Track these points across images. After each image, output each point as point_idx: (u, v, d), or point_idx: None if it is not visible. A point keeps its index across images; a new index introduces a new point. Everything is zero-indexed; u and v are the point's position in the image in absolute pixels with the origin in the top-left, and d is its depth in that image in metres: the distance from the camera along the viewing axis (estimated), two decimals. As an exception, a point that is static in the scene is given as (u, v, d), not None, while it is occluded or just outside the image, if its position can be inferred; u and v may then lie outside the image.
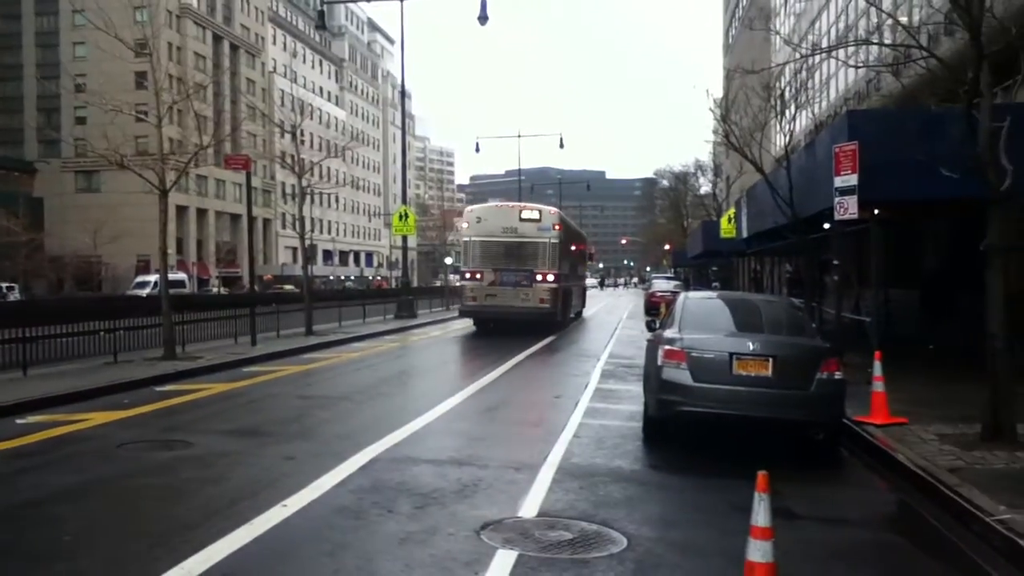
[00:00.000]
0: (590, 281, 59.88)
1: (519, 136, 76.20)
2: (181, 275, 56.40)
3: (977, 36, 8.50)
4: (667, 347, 8.85)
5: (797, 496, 7.31)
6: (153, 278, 48.86)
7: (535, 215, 25.90)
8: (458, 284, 30.99)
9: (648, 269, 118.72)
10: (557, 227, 25.95)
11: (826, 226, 15.96)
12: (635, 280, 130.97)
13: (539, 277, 25.06)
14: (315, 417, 11.09)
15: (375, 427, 10.17)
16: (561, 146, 66.42)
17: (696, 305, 10.10)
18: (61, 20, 76.46)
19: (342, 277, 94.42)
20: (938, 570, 5.90)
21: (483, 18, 31.27)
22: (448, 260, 56.49)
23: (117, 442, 9.23)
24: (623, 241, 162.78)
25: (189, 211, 77.41)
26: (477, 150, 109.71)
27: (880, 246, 14.09)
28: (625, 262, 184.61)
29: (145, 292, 43.09)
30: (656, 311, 26.40)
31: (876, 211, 13.34)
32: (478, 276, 25.52)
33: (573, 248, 30.80)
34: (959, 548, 6.11)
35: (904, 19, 17.18)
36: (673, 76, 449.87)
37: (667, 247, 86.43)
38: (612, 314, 41.03)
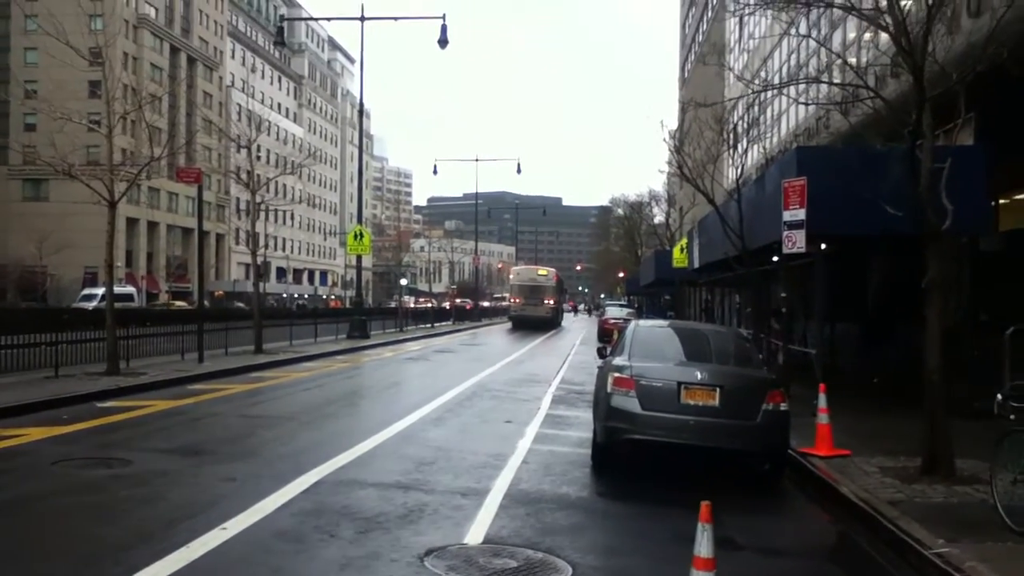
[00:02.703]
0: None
1: (477, 160, 76.21)
2: (130, 288, 55.11)
3: (920, 80, 8.77)
4: (616, 374, 8.88)
5: (740, 526, 7.36)
6: (100, 291, 47.59)
7: (544, 272, 54.36)
8: (506, 304, 63.45)
9: (602, 296, 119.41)
10: (555, 278, 54.27)
11: (775, 259, 16.24)
12: (587, 308, 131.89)
13: (545, 301, 51.72)
14: (260, 437, 10.89)
15: (321, 448, 10.03)
16: (519, 171, 67.14)
17: (646, 333, 10.17)
18: (12, 24, 74.80)
19: (295, 296, 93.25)
20: (875, 602, 5.98)
21: (443, 41, 31.47)
22: (403, 281, 56.23)
23: (52, 459, 8.96)
24: (578, 267, 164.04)
25: (140, 223, 75.94)
26: (435, 172, 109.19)
27: (825, 279, 14.37)
28: (580, 288, 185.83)
29: (91, 305, 41.94)
30: (609, 337, 26.57)
31: (823, 245, 13.62)
32: (517, 300, 52.77)
33: (560, 287, 61.03)
34: (896, 580, 6.20)
35: (853, 60, 17.67)
36: (633, 106, 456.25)
37: (621, 274, 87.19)
38: (564, 339, 41.21)
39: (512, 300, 53.82)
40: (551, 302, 52.45)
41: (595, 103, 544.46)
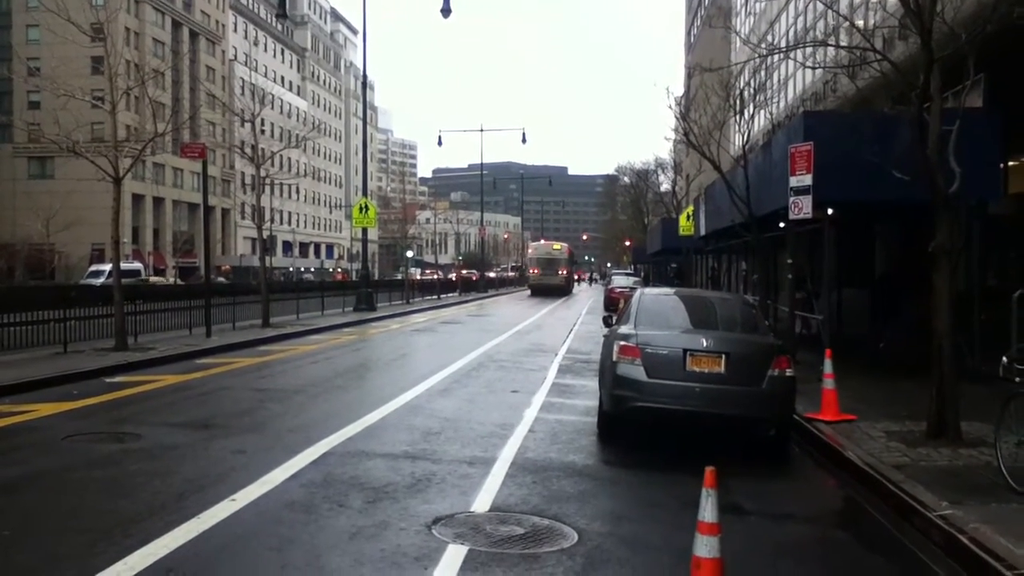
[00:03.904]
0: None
1: (482, 130, 75.83)
2: (137, 265, 55.22)
3: (928, 41, 8.64)
4: (622, 343, 8.88)
5: (746, 492, 7.40)
6: (107, 267, 47.67)
7: (559, 247, 63.92)
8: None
9: (608, 265, 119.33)
10: (567, 252, 64.51)
11: (781, 225, 16.16)
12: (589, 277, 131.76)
13: (559, 271, 61.12)
14: (268, 410, 10.96)
15: (329, 421, 10.10)
16: (524, 141, 66.79)
17: (651, 301, 10.15)
18: (13, 1, 74.44)
19: (301, 269, 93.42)
20: (881, 565, 6.01)
21: (446, 11, 31.22)
22: (409, 253, 56.20)
23: (63, 434, 9.04)
24: (584, 237, 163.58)
25: (145, 200, 75.98)
26: (440, 143, 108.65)
27: (833, 246, 14.31)
28: (586, 257, 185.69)
29: (99, 282, 42.01)
30: (615, 306, 26.60)
31: (830, 211, 13.54)
32: (535, 271, 62.17)
33: (572, 260, 72.24)
34: (902, 543, 6.23)
35: (860, 22, 17.44)
36: (638, 72, 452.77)
37: (627, 243, 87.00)
38: (571, 308, 41.23)
39: (531, 271, 64.48)
40: (564, 272, 62.03)
41: (602, 70, 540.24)
